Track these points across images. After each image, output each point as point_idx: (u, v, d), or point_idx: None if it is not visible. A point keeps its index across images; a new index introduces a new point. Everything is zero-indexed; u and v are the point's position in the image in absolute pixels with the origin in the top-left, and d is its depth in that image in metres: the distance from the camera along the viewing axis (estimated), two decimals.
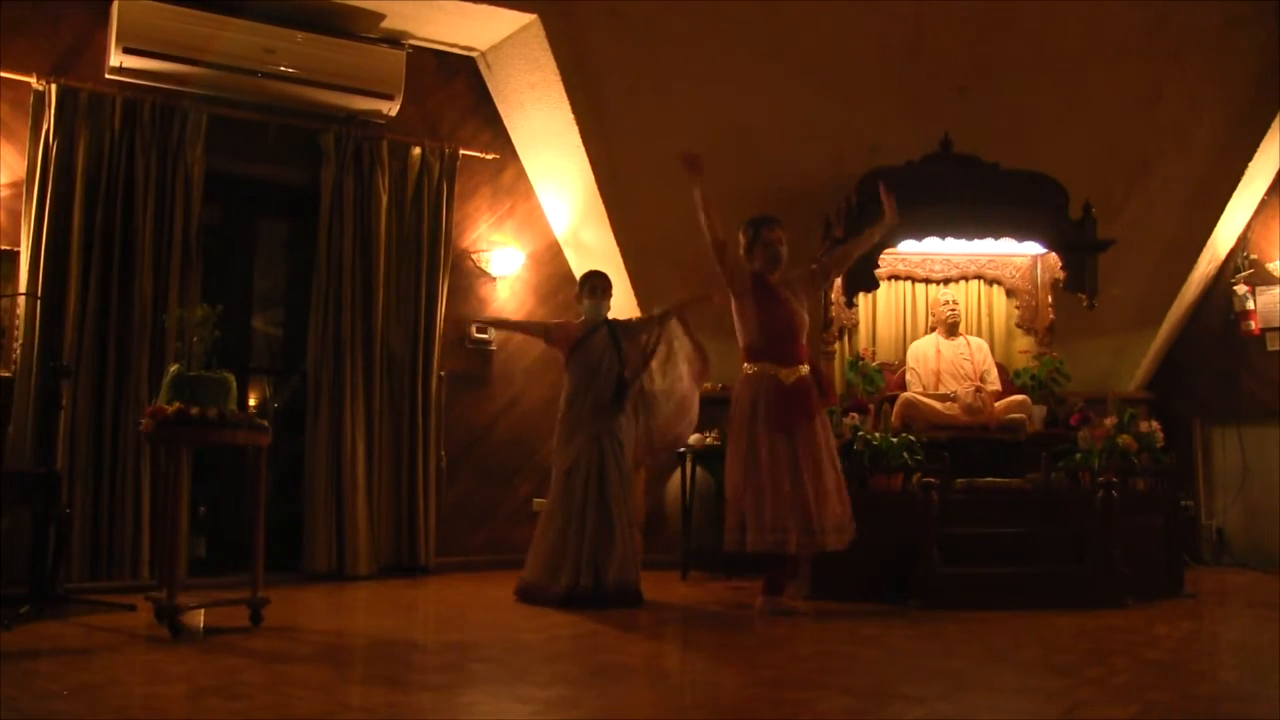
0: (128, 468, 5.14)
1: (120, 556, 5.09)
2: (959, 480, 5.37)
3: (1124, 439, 5.31)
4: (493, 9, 5.84)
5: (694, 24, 5.98)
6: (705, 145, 6.18)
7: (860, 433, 5.21)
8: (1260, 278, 6.79)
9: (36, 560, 4.30)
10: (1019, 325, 6.59)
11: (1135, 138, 6.49)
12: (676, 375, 5.06)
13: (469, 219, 6.50)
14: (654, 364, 5.05)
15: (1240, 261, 6.89)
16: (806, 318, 4.77)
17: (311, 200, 5.92)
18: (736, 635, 4.12)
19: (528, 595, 4.83)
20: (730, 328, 4.79)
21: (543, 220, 6.74)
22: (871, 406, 5.63)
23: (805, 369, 4.66)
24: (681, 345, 5.06)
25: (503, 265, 6.53)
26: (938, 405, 5.86)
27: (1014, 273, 6.61)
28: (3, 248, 5.16)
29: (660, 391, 5.06)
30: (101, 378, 5.15)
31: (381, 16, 5.89)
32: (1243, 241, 6.93)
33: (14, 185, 5.17)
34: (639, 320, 5.25)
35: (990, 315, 6.64)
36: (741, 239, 4.76)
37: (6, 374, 5.06)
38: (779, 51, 6.11)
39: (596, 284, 5.11)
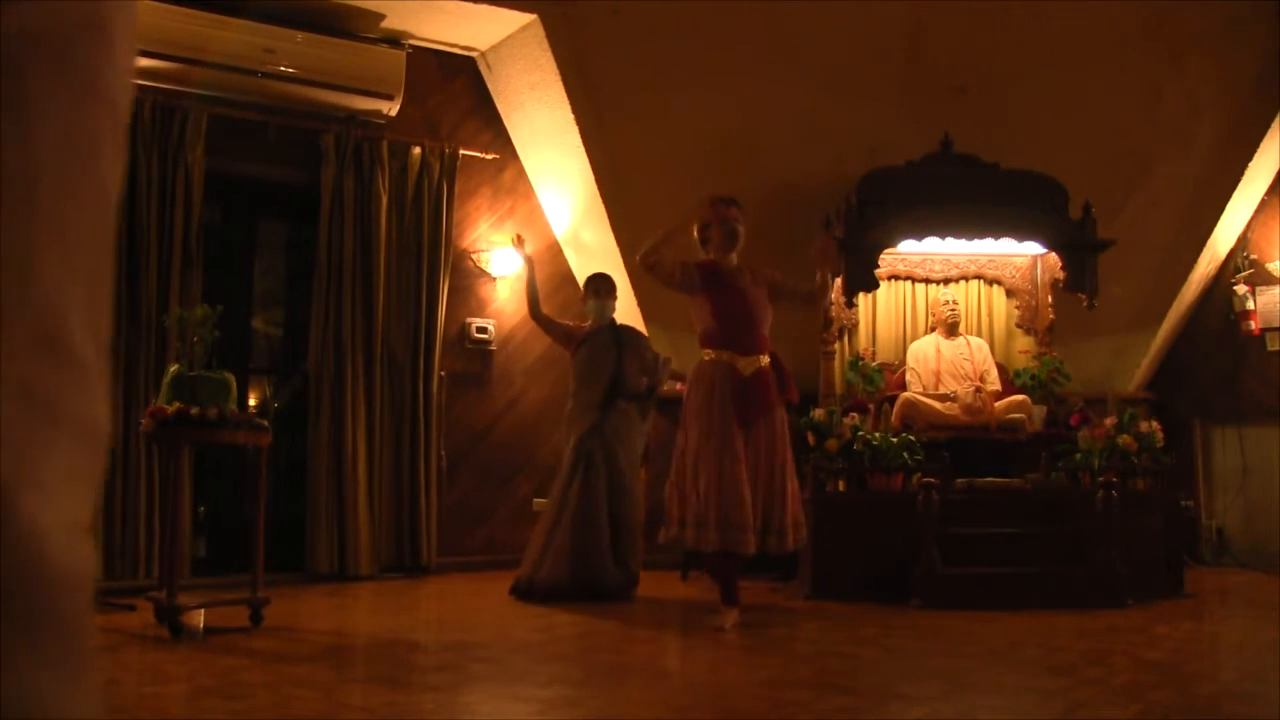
0: (129, 468, 5.14)
1: (120, 556, 5.09)
2: (959, 480, 5.36)
3: (1124, 439, 5.31)
4: (493, 9, 5.84)
5: (694, 24, 5.98)
6: (705, 145, 6.23)
7: (860, 433, 5.21)
8: (1260, 278, 6.79)
9: None
10: (1019, 325, 6.59)
11: (1135, 138, 6.48)
12: None
13: (469, 219, 6.50)
14: None
15: (1240, 261, 6.89)
16: (769, 308, 4.47)
17: (311, 200, 5.92)
18: (736, 635, 4.12)
19: (515, 589, 4.98)
20: (686, 321, 4.69)
21: (543, 220, 6.74)
22: (871, 406, 5.63)
23: (765, 360, 4.38)
24: None
25: (503, 265, 6.53)
26: (938, 405, 5.86)
27: (1014, 273, 6.61)
28: None
29: None
30: None
31: (381, 16, 5.89)
32: (1243, 241, 6.92)
33: None
34: (646, 343, 5.35)
35: (990, 315, 6.63)
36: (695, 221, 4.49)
37: None
38: (779, 51, 6.11)
39: (599, 285, 5.19)
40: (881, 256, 5.82)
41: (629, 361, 5.12)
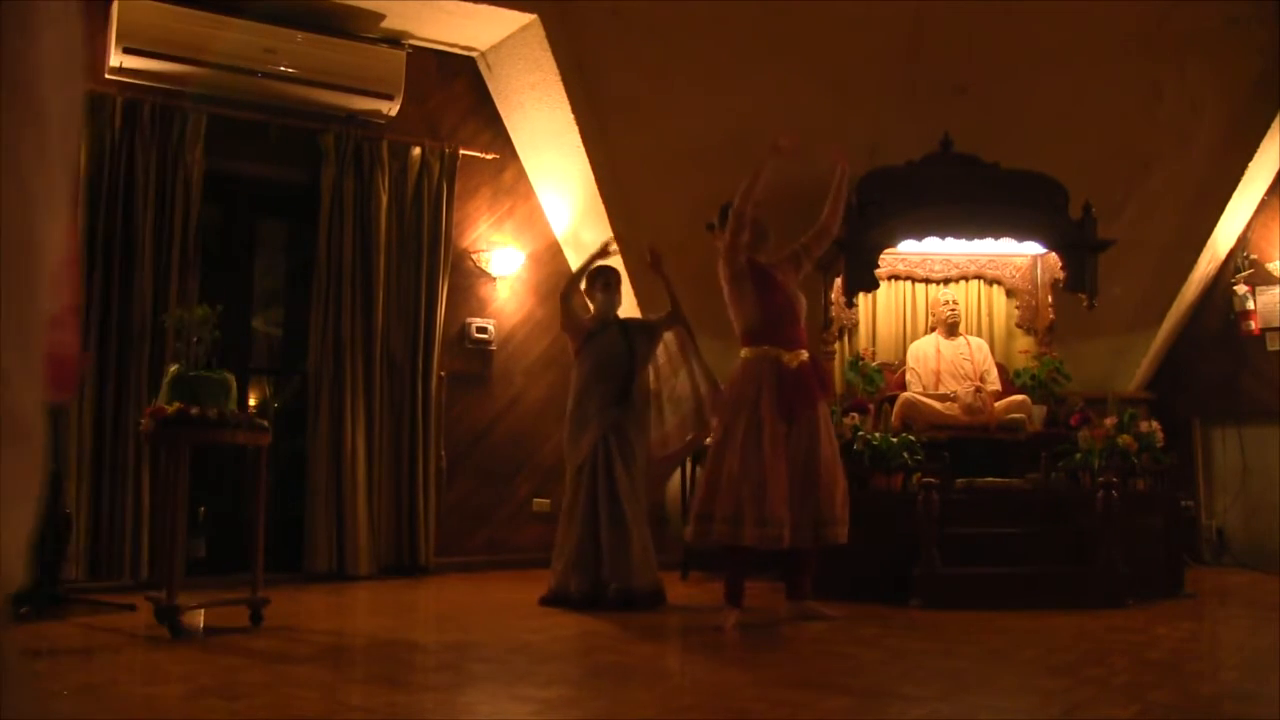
0: (128, 468, 5.14)
1: (120, 556, 5.08)
2: (959, 480, 5.36)
3: (1124, 439, 5.31)
4: (493, 9, 5.84)
5: (694, 24, 5.98)
6: (705, 145, 6.22)
7: (860, 433, 5.21)
8: (1260, 278, 6.79)
9: (36, 560, 4.30)
10: (1019, 325, 6.59)
11: (1135, 138, 6.49)
12: (682, 385, 5.01)
13: (469, 219, 6.50)
14: (661, 360, 5.05)
15: (1240, 261, 6.89)
16: (804, 301, 4.54)
17: (311, 200, 5.92)
18: (736, 635, 4.12)
19: (551, 599, 4.77)
20: (730, 328, 4.69)
21: (543, 220, 6.74)
22: (871, 406, 5.63)
23: (805, 355, 4.41)
24: (691, 370, 4.99)
25: (503, 265, 6.53)
26: (938, 405, 5.85)
27: (1014, 273, 6.61)
28: None
29: (667, 398, 5.04)
30: (102, 378, 5.15)
31: (381, 16, 5.89)
32: (1243, 241, 6.92)
33: None
34: (649, 320, 5.16)
35: (990, 315, 6.64)
36: (719, 224, 4.51)
37: None
38: (779, 51, 6.11)
39: (610, 279, 5.07)
40: (881, 256, 5.82)
41: (640, 350, 4.99)
